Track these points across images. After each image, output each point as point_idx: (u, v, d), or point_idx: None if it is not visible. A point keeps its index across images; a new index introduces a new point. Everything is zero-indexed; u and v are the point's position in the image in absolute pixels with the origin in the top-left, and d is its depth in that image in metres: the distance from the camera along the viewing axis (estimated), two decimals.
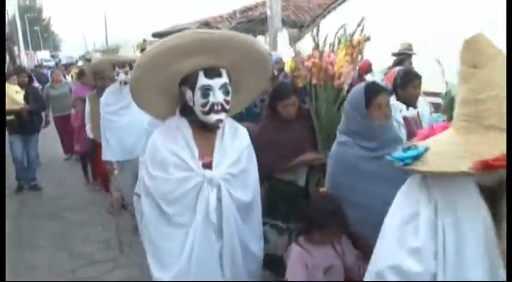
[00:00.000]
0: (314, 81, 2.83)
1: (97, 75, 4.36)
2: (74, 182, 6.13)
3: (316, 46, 2.88)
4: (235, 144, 1.82)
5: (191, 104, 1.71)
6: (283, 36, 9.13)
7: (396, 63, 4.45)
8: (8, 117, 5.48)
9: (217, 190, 1.74)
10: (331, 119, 2.75)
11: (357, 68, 2.98)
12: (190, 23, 14.09)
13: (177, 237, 1.73)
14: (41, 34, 54.02)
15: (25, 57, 25.04)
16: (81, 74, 6.30)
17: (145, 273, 3.43)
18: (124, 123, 3.53)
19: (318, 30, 2.92)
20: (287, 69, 4.01)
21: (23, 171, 5.87)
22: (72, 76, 9.76)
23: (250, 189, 1.88)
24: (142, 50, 9.60)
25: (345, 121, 2.19)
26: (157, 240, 1.75)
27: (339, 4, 8.26)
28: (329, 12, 8.82)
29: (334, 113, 2.77)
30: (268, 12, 9.09)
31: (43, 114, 6.19)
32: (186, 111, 1.77)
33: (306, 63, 2.88)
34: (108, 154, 3.81)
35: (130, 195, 3.19)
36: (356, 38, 2.74)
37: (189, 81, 1.69)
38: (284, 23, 9.58)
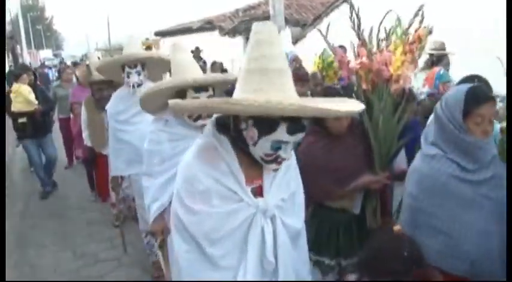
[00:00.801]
0: (363, 86, 2.31)
1: (94, 85, 4.00)
2: (78, 181, 6.11)
3: (363, 43, 2.29)
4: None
5: (250, 142, 1.35)
6: (286, 34, 9.14)
7: (433, 62, 4.13)
8: (21, 120, 5.28)
9: (272, 222, 1.44)
10: (391, 132, 2.30)
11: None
12: (193, 22, 14.10)
13: None
14: (44, 33, 54.16)
15: (28, 56, 24.98)
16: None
17: (148, 273, 3.47)
18: (139, 133, 2.94)
19: (359, 22, 2.30)
20: (314, 68, 3.71)
21: (48, 177, 5.77)
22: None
23: (299, 214, 1.60)
24: (147, 48, 9.62)
25: (437, 130, 1.80)
26: None
27: (342, 2, 8.23)
28: (332, 10, 8.79)
29: (393, 126, 2.29)
30: (271, 11, 9.08)
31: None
32: (234, 135, 1.40)
33: (350, 65, 2.33)
34: (119, 169, 3.30)
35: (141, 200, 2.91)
36: (414, 31, 2.26)
37: (258, 120, 1.30)
38: (287, 21, 9.56)
